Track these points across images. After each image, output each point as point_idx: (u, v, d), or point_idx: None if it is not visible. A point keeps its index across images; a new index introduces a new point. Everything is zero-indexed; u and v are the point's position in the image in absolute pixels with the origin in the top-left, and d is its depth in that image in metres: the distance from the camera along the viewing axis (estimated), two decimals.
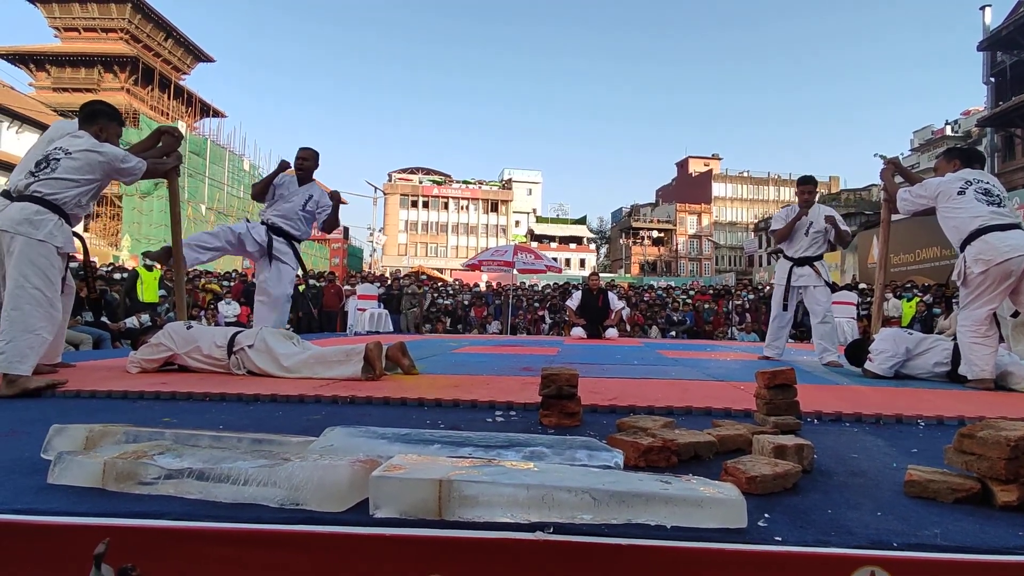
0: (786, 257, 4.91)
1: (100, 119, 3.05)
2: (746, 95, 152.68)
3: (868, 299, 13.68)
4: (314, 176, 4.63)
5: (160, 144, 3.49)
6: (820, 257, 4.78)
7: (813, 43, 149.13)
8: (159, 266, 10.16)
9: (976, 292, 3.23)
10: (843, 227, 4.73)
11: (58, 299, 2.71)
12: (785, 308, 4.87)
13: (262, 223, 4.40)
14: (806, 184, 4.90)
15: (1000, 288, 3.17)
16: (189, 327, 3.17)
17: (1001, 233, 3.14)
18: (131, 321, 8.39)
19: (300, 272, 4.70)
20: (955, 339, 3.46)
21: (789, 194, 55.10)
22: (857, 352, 3.96)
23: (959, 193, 3.31)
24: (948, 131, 32.67)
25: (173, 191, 3.71)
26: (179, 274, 3.83)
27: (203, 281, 13.43)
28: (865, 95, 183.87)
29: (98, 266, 12.91)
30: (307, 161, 4.48)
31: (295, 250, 4.47)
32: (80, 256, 3.24)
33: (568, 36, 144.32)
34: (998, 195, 3.30)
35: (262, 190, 4.47)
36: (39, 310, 2.58)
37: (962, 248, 3.28)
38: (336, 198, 4.58)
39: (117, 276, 11.62)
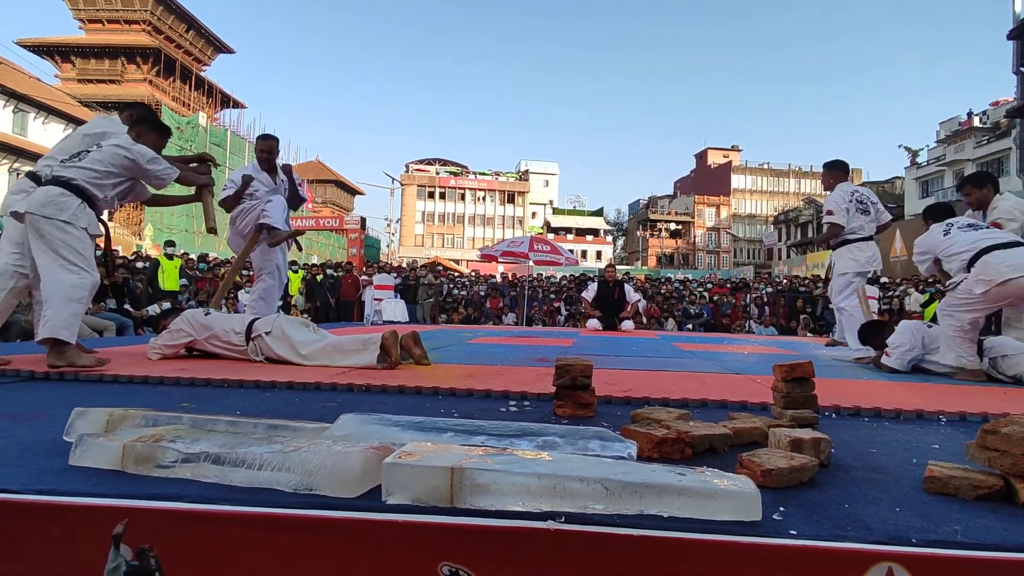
0: (869, 238, 4.90)
1: (141, 126, 3.14)
2: (767, 86, 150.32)
3: (890, 293, 13.45)
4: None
5: (194, 165, 3.54)
6: (839, 245, 4.72)
7: (837, 33, 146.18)
8: (179, 255, 10.32)
9: (969, 304, 3.24)
10: (822, 230, 4.75)
11: (92, 269, 2.79)
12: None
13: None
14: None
15: (993, 304, 3.25)
16: (207, 313, 3.22)
17: (1003, 252, 3.16)
18: (153, 308, 8.54)
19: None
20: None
21: (809, 186, 54.29)
22: (868, 333, 3.94)
23: (944, 235, 3.48)
24: (976, 122, 31.79)
25: (206, 206, 3.54)
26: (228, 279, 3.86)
27: (223, 271, 13.59)
28: (890, 86, 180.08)
29: (119, 254, 13.12)
30: (273, 153, 4.43)
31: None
32: (102, 243, 3.31)
33: (586, 27, 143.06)
34: (985, 227, 3.49)
35: (233, 204, 4.29)
36: (78, 278, 2.68)
37: (967, 269, 3.30)
38: (288, 171, 4.55)
39: (139, 265, 11.81)
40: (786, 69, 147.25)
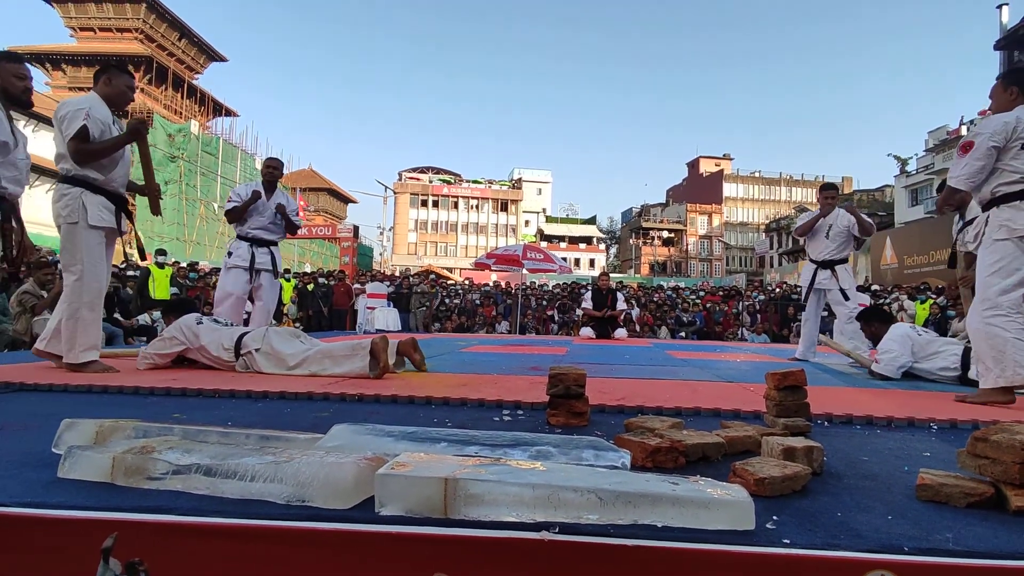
0: (810, 260, 5.03)
1: (102, 73, 3.05)
2: (759, 95, 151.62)
3: (880, 300, 13.53)
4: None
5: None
6: (843, 260, 4.89)
7: (827, 44, 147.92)
8: (170, 264, 10.26)
9: (1003, 262, 2.53)
10: (865, 217, 4.86)
11: (91, 274, 2.75)
12: (803, 308, 5.11)
13: (241, 238, 4.53)
14: (828, 190, 5.09)
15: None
16: (199, 322, 3.19)
17: None
18: (143, 318, 8.47)
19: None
20: (967, 341, 3.34)
21: (800, 194, 54.70)
22: (864, 316, 4.08)
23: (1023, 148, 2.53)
24: (964, 131, 32.18)
25: (143, 151, 3.32)
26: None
27: (215, 279, 13.51)
28: (879, 96, 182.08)
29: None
30: (277, 170, 4.68)
31: (274, 256, 4.67)
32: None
33: (580, 38, 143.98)
34: None
35: (240, 215, 4.49)
36: (72, 292, 2.70)
37: (985, 208, 2.66)
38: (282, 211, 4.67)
39: (130, 273, 11.72)
40: (777, 79, 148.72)
